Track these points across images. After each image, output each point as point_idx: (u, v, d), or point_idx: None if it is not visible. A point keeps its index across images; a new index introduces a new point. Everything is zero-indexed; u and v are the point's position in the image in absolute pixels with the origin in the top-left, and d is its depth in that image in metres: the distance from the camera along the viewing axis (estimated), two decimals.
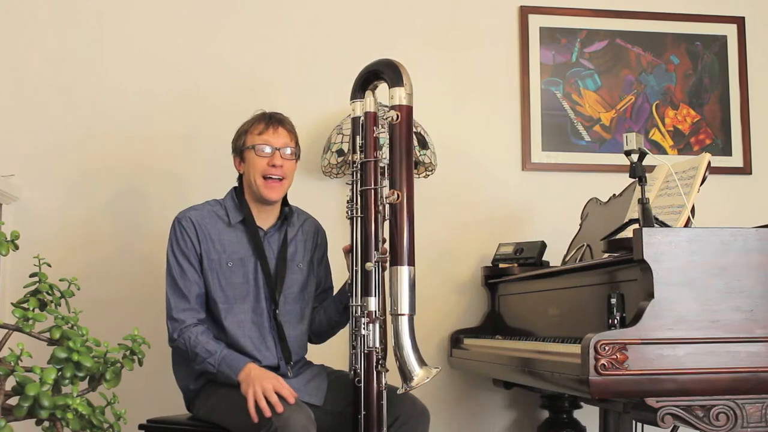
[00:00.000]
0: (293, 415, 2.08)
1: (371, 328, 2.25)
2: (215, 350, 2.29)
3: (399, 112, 2.25)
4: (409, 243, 2.22)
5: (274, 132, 2.44)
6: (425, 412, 2.36)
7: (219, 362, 2.27)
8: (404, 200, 2.22)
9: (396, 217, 2.22)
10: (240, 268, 2.40)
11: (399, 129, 2.25)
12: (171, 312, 2.35)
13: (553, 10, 3.40)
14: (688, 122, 3.46)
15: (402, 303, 2.18)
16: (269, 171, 2.41)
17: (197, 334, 2.31)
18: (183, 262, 2.37)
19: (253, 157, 2.42)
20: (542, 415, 3.14)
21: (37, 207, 3.05)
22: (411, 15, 3.34)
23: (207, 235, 2.40)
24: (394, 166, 2.25)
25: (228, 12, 3.24)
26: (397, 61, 2.31)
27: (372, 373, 2.24)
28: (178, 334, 2.32)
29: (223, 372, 2.27)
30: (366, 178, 2.32)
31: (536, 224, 3.29)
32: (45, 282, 1.87)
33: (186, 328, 2.32)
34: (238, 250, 2.41)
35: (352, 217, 2.35)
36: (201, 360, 2.29)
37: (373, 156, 2.32)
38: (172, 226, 2.42)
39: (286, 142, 2.45)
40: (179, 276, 2.37)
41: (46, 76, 3.12)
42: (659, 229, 1.93)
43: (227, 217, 2.44)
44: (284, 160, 2.43)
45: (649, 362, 1.84)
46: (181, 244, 2.39)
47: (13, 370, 1.72)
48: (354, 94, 2.41)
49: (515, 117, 3.35)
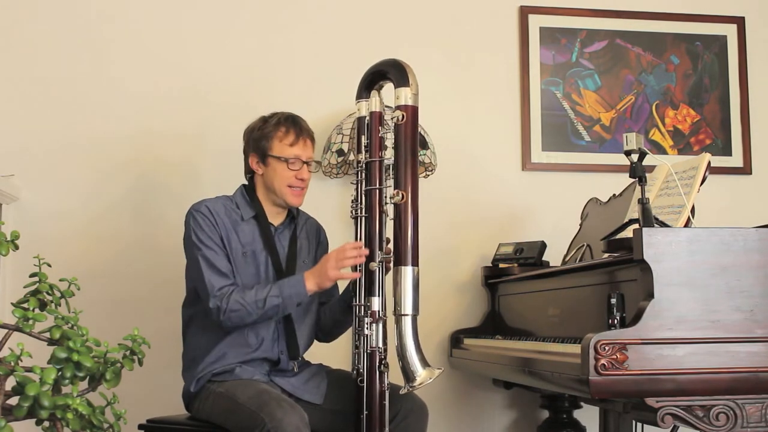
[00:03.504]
0: (286, 416, 2.08)
1: (374, 328, 2.26)
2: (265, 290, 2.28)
3: (404, 112, 2.26)
4: (413, 243, 2.24)
5: (304, 145, 2.46)
6: (424, 408, 2.38)
7: (280, 293, 2.28)
8: (409, 200, 2.23)
9: (400, 217, 2.24)
10: (252, 261, 2.41)
11: (404, 129, 2.26)
12: (212, 293, 2.30)
13: (553, 10, 3.40)
14: (688, 122, 3.46)
15: (406, 303, 2.20)
16: (296, 183, 2.44)
17: (242, 292, 2.29)
18: (213, 245, 2.36)
19: (282, 168, 2.43)
20: (542, 415, 3.14)
21: (37, 207, 3.04)
22: (411, 15, 3.34)
23: (224, 223, 2.40)
24: (399, 166, 2.25)
25: (231, 13, 3.24)
26: (403, 62, 2.31)
27: (375, 373, 2.25)
28: (226, 303, 2.27)
29: (292, 297, 2.29)
30: (371, 178, 2.32)
31: (536, 224, 3.29)
32: (45, 282, 1.87)
33: (228, 296, 2.28)
34: (251, 242, 2.42)
35: (357, 216, 2.35)
36: (261, 305, 2.27)
37: (378, 156, 2.32)
38: (189, 216, 2.40)
39: (312, 154, 2.49)
40: (214, 257, 2.34)
41: (47, 76, 3.11)
42: (659, 229, 1.93)
43: (239, 211, 2.45)
44: (310, 172, 2.48)
45: (649, 362, 1.84)
46: (205, 230, 2.37)
47: (13, 370, 1.71)
48: (359, 93, 2.41)
49: (515, 117, 3.35)
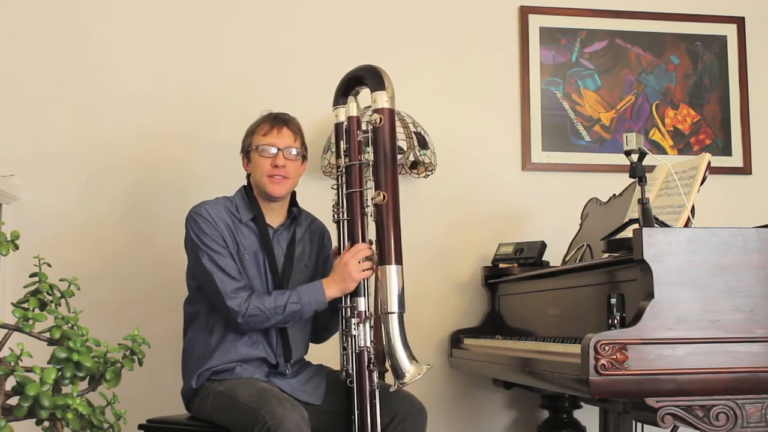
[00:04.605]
0: (287, 413, 2.08)
1: (362, 328, 2.27)
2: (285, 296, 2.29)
3: (381, 115, 2.31)
4: (396, 242, 2.27)
5: (278, 133, 2.43)
6: (423, 410, 2.37)
7: (299, 299, 2.29)
8: (390, 201, 2.27)
9: (382, 217, 2.27)
10: (254, 263, 2.41)
11: (382, 131, 2.30)
12: (226, 296, 2.30)
13: (553, 10, 3.40)
14: (688, 122, 3.46)
15: (391, 301, 2.22)
16: (272, 171, 2.41)
17: (260, 298, 2.30)
18: (217, 247, 2.35)
19: (257, 158, 2.42)
20: (542, 415, 3.14)
21: (37, 207, 3.05)
22: (411, 15, 3.34)
23: (225, 225, 2.39)
24: (378, 167, 2.29)
25: (229, 12, 3.24)
26: (378, 66, 2.37)
27: (364, 373, 2.25)
28: (245, 308, 2.28)
29: (311, 303, 2.30)
30: (351, 181, 2.35)
31: (536, 224, 3.29)
32: (45, 282, 1.87)
33: (246, 301, 2.29)
34: (250, 245, 2.42)
35: (339, 220, 2.37)
36: (281, 311, 2.28)
37: (357, 159, 2.35)
38: (189, 219, 2.39)
39: (290, 142, 2.44)
40: (221, 259, 2.34)
41: (47, 76, 3.12)
42: (659, 229, 1.93)
43: (238, 213, 2.44)
44: (287, 160, 2.42)
45: (649, 362, 1.83)
46: (207, 232, 2.36)
47: (13, 370, 1.71)
48: (336, 100, 2.46)
49: (515, 117, 3.35)
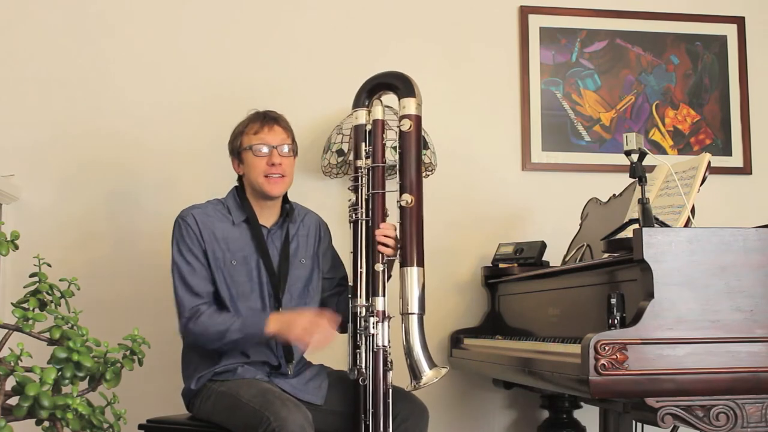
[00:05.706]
0: (291, 415, 2.08)
1: (380, 327, 2.28)
2: (229, 322, 2.27)
3: (411, 121, 2.38)
4: (419, 245, 2.33)
5: (269, 130, 2.43)
6: (424, 410, 2.37)
7: (241, 328, 2.27)
8: (415, 204, 2.34)
9: (407, 220, 2.34)
10: (244, 266, 2.39)
11: (410, 136, 2.38)
12: (180, 313, 2.31)
13: (553, 10, 3.40)
14: (688, 122, 3.46)
15: (412, 303, 2.27)
16: (269, 171, 2.40)
17: (210, 317, 2.29)
18: (191, 260, 2.35)
19: (251, 158, 2.41)
20: (542, 415, 3.14)
21: (37, 207, 3.04)
22: (411, 15, 3.34)
23: (211, 232, 2.38)
24: (405, 171, 2.37)
25: (229, 13, 3.24)
26: (407, 74, 2.44)
27: (379, 372, 2.27)
28: (192, 324, 2.28)
29: (253, 336, 2.28)
30: (375, 183, 2.40)
31: (536, 224, 3.28)
32: (45, 282, 1.87)
33: (194, 318, 2.29)
34: (242, 248, 2.40)
35: (356, 220, 2.38)
36: (221, 338, 2.27)
37: (381, 161, 2.41)
38: (175, 224, 2.40)
39: (282, 139, 2.44)
40: (189, 274, 2.34)
41: (47, 76, 3.11)
42: (659, 229, 1.93)
43: (230, 215, 2.44)
44: (282, 157, 2.42)
45: (649, 362, 1.84)
46: (187, 242, 2.36)
47: (13, 370, 1.72)
48: (358, 102, 2.48)
49: (515, 117, 3.35)
